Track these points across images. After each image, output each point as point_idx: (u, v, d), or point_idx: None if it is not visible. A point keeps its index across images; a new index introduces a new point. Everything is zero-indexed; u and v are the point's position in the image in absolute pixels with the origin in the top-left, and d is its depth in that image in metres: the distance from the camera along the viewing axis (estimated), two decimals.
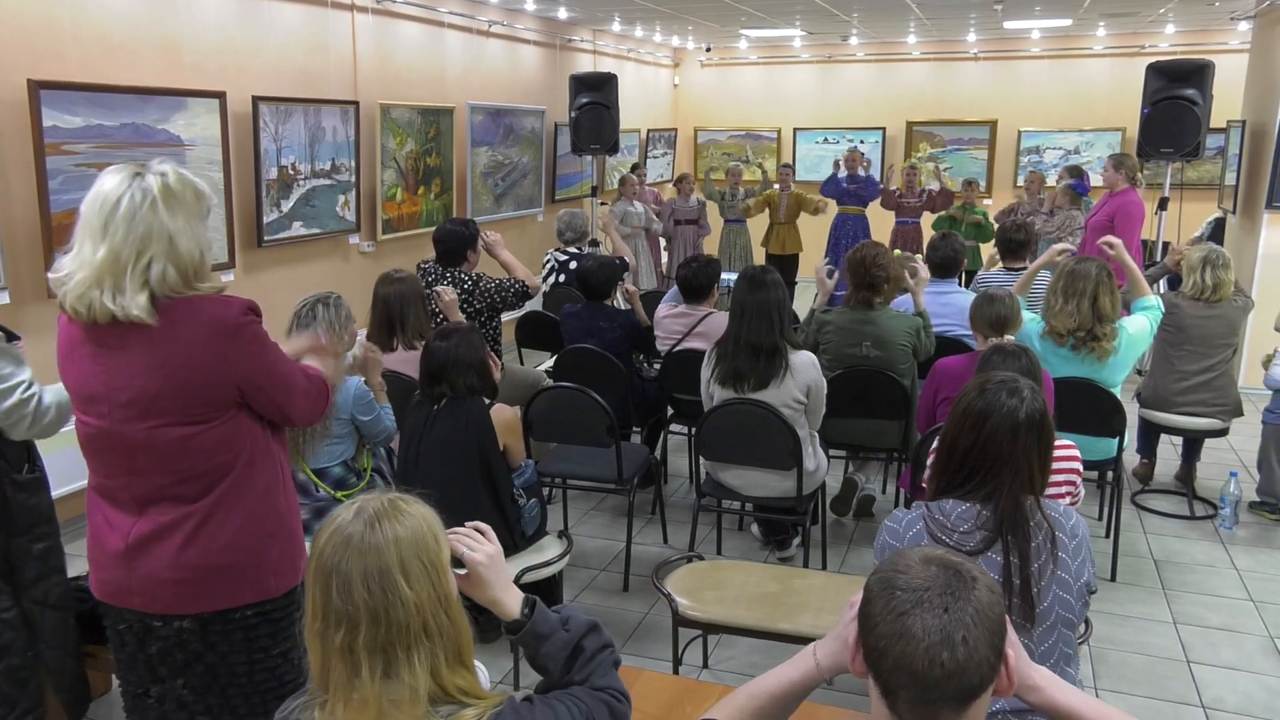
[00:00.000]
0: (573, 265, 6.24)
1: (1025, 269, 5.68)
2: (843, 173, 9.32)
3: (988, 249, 7.99)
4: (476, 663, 1.48)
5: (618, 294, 5.28)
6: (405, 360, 4.07)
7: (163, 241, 1.89)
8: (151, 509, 2.03)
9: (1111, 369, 4.12)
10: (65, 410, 2.50)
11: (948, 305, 5.03)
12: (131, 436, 1.97)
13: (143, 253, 1.88)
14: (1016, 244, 5.73)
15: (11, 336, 2.62)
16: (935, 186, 9.19)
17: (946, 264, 5.21)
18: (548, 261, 6.51)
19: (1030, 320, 4.22)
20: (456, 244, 4.76)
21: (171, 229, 1.90)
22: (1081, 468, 2.95)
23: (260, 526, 2.08)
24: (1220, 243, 7.44)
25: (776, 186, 9.41)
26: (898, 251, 8.26)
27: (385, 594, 1.34)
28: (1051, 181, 9.01)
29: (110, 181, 1.91)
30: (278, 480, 2.14)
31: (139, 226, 1.88)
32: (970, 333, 4.12)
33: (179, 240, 1.91)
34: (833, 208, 9.55)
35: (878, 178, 9.74)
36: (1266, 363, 4.90)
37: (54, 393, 2.51)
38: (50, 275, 1.96)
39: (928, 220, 9.18)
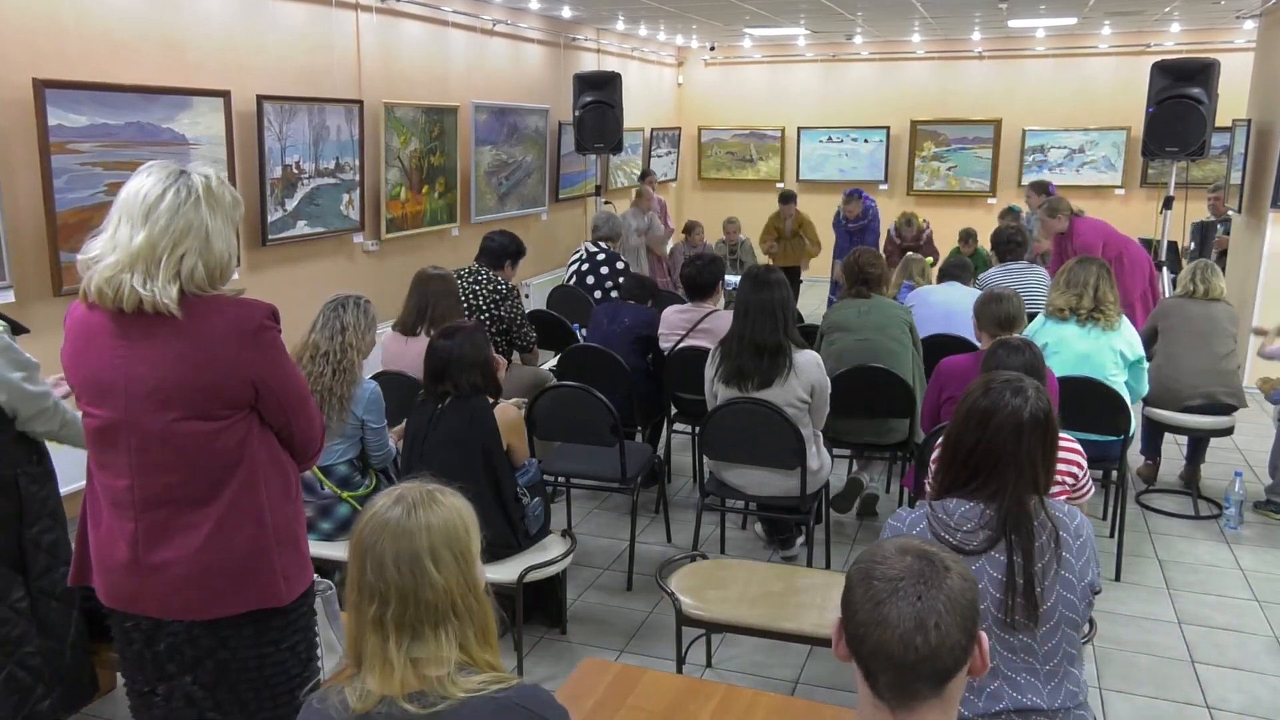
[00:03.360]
0: (600, 257, 6.29)
1: (1023, 264, 5.78)
2: (844, 220, 9.16)
3: None
4: None
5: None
6: (415, 358, 4.08)
7: (200, 238, 1.93)
8: (155, 513, 2.01)
9: (1118, 336, 4.18)
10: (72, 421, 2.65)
11: (955, 291, 5.14)
12: (148, 428, 1.97)
13: (179, 244, 1.91)
14: (1014, 244, 5.82)
15: (19, 329, 2.64)
16: (939, 185, 9.12)
17: (953, 279, 5.36)
18: (576, 252, 6.55)
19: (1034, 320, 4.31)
20: (500, 250, 5.01)
21: (210, 227, 1.94)
22: (1084, 462, 2.95)
23: (270, 533, 2.07)
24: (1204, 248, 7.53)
25: (781, 186, 9.37)
26: (910, 253, 8.23)
27: (415, 576, 1.44)
28: (1058, 180, 8.95)
29: (154, 175, 1.95)
30: (287, 489, 2.13)
31: (179, 220, 1.91)
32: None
33: (214, 240, 1.95)
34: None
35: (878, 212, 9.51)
36: (1264, 388, 5.00)
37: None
38: (78, 257, 1.97)
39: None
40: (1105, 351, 4.18)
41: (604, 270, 6.25)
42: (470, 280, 4.88)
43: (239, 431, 2.02)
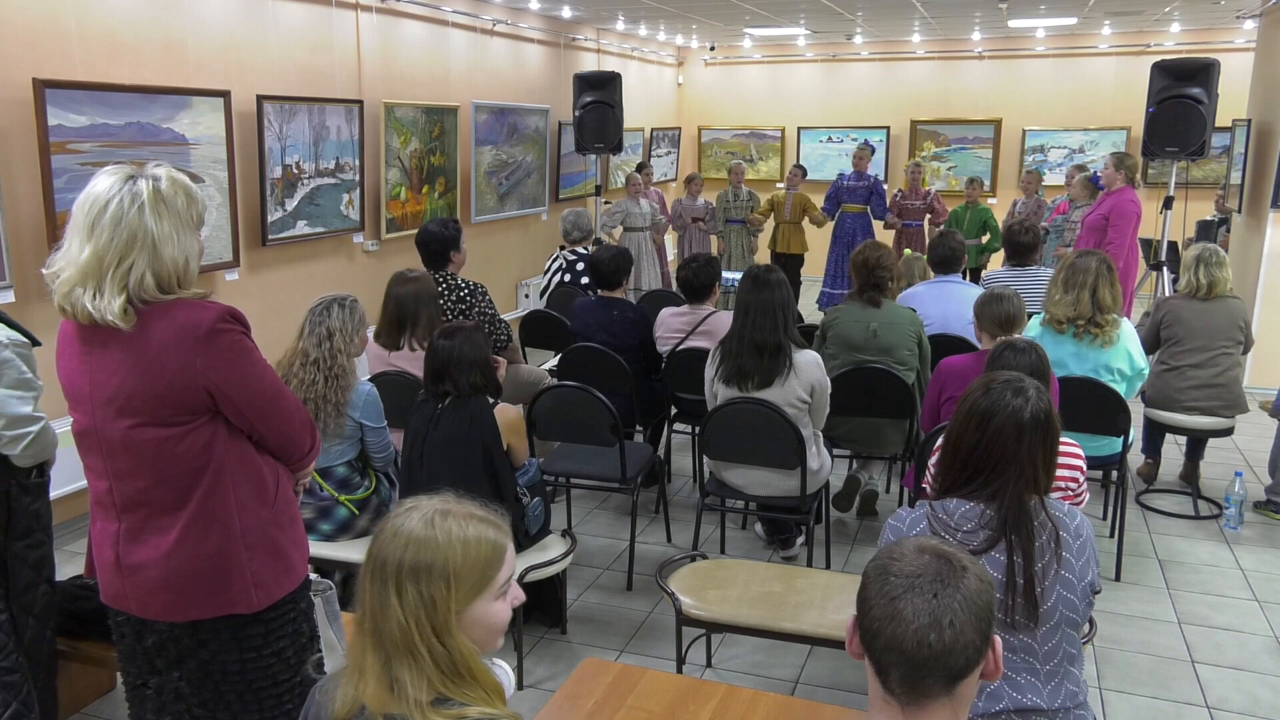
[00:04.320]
0: (579, 265, 6.24)
1: (1028, 267, 5.73)
2: (848, 171, 9.26)
3: (998, 258, 8.00)
4: (501, 663, 1.49)
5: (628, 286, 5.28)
6: (411, 359, 4.08)
7: (146, 247, 1.90)
8: (133, 515, 2.03)
9: (1116, 355, 4.13)
10: (50, 445, 2.64)
11: (949, 296, 5.06)
12: (112, 435, 1.98)
13: (124, 257, 1.89)
14: (1024, 245, 5.75)
15: (34, 342, 2.63)
16: (939, 186, 9.16)
17: (946, 261, 5.25)
18: (554, 260, 6.51)
19: (1032, 322, 4.25)
20: (439, 245, 4.73)
21: (156, 235, 1.90)
22: (1085, 466, 2.95)
23: (240, 539, 2.05)
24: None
25: (781, 187, 9.39)
26: (908, 251, 8.25)
27: (379, 598, 1.37)
28: (1055, 180, 9.00)
29: (102, 183, 1.92)
30: (262, 493, 2.10)
31: (123, 231, 1.88)
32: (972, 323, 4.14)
33: (163, 247, 1.91)
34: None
35: (884, 187, 9.62)
36: (1265, 406, 4.95)
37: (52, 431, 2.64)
38: (44, 270, 1.97)
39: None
40: (1101, 373, 4.14)
41: (584, 281, 6.16)
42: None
43: (202, 436, 2.00)
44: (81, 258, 1.88)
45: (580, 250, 6.42)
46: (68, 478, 4.40)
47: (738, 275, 4.31)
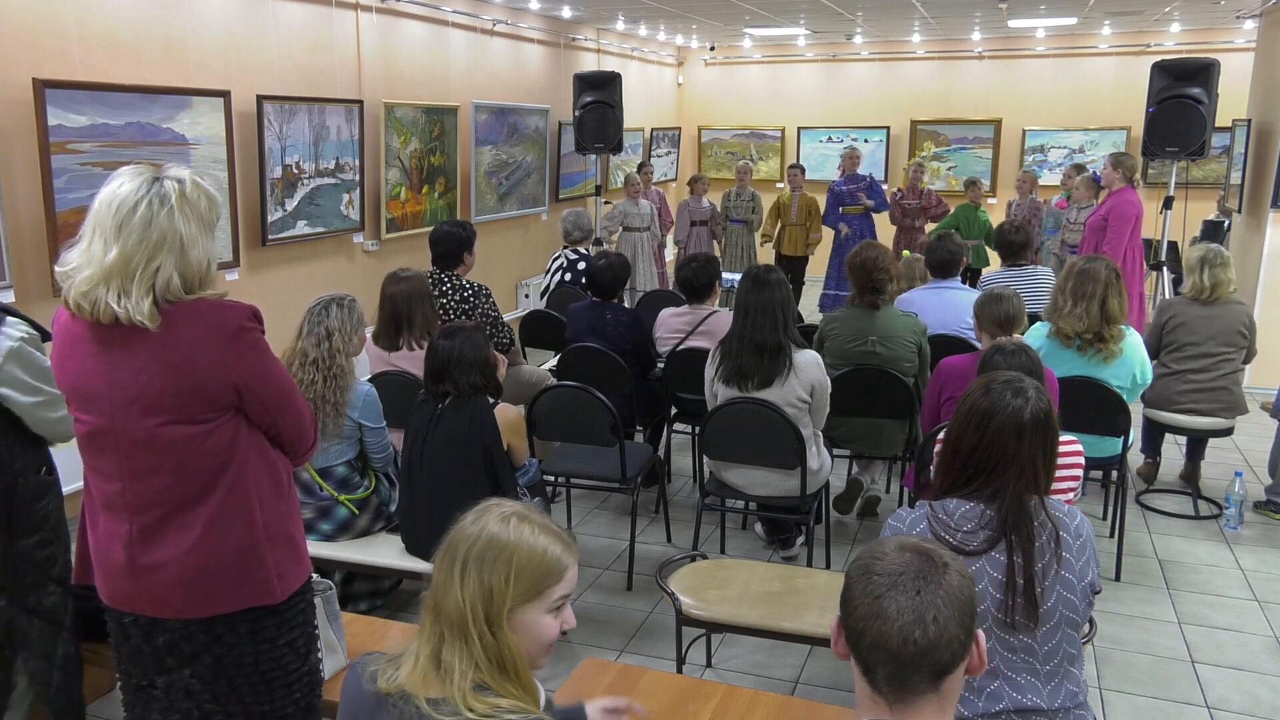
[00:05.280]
0: (581, 265, 6.24)
1: (1025, 266, 5.73)
2: (840, 179, 9.22)
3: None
4: (537, 684, 1.54)
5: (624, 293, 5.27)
6: (411, 359, 4.08)
7: (174, 249, 1.91)
8: (148, 515, 2.02)
9: (1117, 372, 4.12)
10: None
11: (947, 304, 5.02)
12: (134, 434, 1.98)
13: (153, 258, 1.90)
14: (1015, 245, 5.76)
15: (46, 335, 2.64)
16: (939, 185, 9.16)
17: (944, 265, 5.19)
18: (556, 259, 6.51)
19: (1037, 332, 4.22)
20: (453, 245, 4.71)
21: (184, 236, 1.93)
22: (1084, 462, 2.95)
23: (261, 532, 2.08)
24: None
25: (782, 186, 9.38)
26: (907, 252, 8.25)
27: (445, 579, 1.47)
28: (1055, 180, 9.00)
29: (128, 184, 1.93)
30: (278, 486, 2.14)
31: (153, 232, 1.89)
32: (970, 329, 4.12)
33: (190, 249, 1.93)
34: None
35: (882, 184, 9.61)
36: (1265, 407, 4.92)
37: None
38: (56, 269, 1.97)
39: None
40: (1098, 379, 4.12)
41: (585, 281, 6.16)
42: (434, 291, 4.58)
43: (226, 433, 2.02)
44: (108, 259, 1.88)
45: (581, 250, 6.42)
46: (72, 477, 4.40)
47: (737, 276, 4.30)
